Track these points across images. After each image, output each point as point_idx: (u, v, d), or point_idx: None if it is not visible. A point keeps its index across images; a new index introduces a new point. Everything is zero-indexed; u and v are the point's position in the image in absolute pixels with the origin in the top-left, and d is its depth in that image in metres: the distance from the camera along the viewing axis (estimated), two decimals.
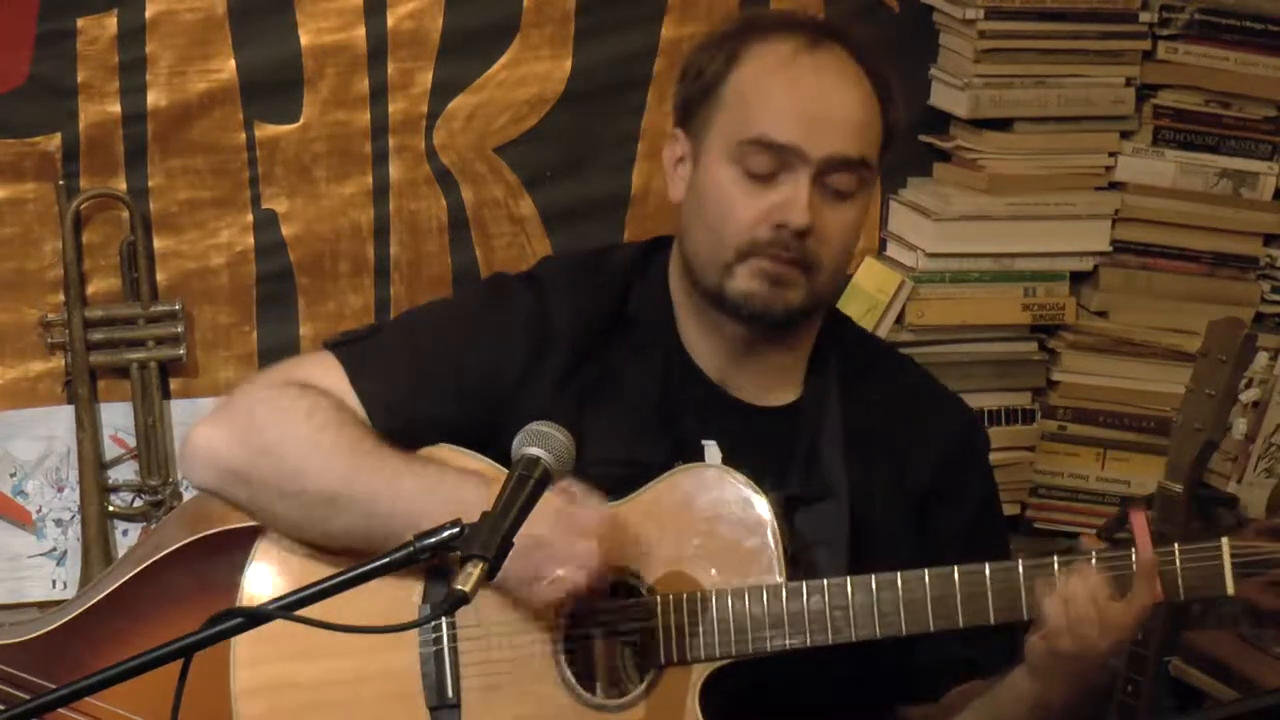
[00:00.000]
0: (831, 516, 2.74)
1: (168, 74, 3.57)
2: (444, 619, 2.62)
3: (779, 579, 2.65)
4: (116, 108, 3.56)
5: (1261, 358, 3.72)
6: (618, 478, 2.66)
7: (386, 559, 2.28)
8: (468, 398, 2.72)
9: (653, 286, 2.79)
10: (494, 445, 2.68)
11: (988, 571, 2.63)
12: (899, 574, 2.63)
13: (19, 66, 3.52)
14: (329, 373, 2.71)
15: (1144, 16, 3.83)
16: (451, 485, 2.60)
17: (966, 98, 3.80)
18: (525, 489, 2.38)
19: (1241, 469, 3.82)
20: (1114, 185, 3.91)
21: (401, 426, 2.69)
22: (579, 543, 2.57)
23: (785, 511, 2.69)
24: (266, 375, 2.75)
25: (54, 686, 2.19)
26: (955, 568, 2.63)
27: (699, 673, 2.64)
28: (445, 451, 2.70)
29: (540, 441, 2.42)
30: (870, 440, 2.79)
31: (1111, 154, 3.89)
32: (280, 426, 2.64)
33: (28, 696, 2.75)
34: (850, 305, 3.88)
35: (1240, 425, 3.76)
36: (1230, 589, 2.61)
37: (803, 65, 2.68)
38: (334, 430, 2.64)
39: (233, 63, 3.60)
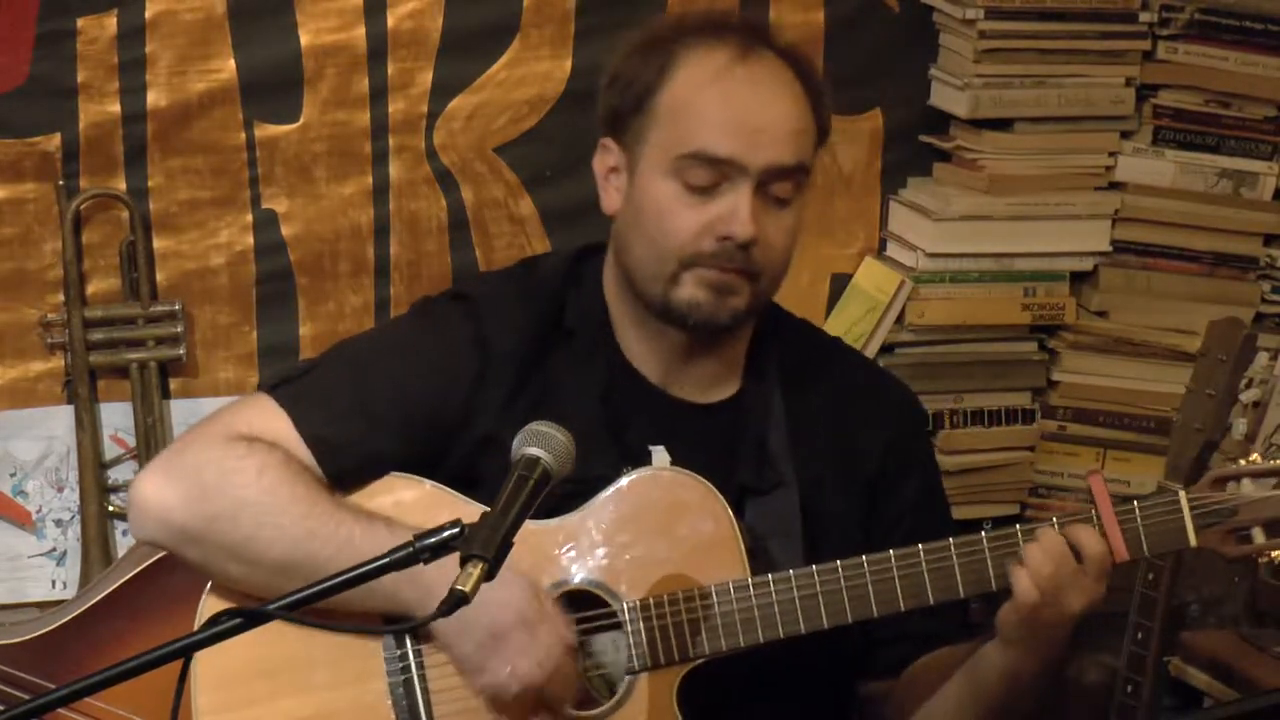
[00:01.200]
0: (783, 506, 2.75)
1: (168, 74, 3.57)
2: (410, 648, 2.64)
3: (745, 573, 2.65)
4: (116, 108, 3.56)
5: (1261, 358, 3.72)
6: (569, 493, 2.64)
7: (387, 559, 2.28)
8: (414, 429, 2.70)
9: (587, 296, 2.79)
10: (443, 469, 2.69)
11: (953, 547, 2.64)
12: (864, 558, 2.64)
13: (19, 66, 3.52)
14: (272, 420, 2.69)
15: (1144, 16, 3.83)
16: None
17: (966, 98, 3.80)
18: (525, 489, 2.38)
19: None
20: (1114, 185, 3.91)
21: (352, 467, 2.68)
22: (541, 639, 2.57)
23: (737, 504, 2.70)
24: (210, 426, 2.71)
25: (54, 686, 2.18)
26: (920, 546, 2.64)
27: (675, 674, 2.65)
28: (400, 484, 2.68)
29: (540, 441, 2.42)
30: (814, 429, 2.80)
31: (1111, 154, 3.89)
32: (232, 489, 2.62)
33: (28, 696, 2.75)
34: (850, 305, 3.89)
35: (1240, 425, 3.75)
36: (1193, 540, 2.63)
37: (736, 76, 2.67)
38: (286, 491, 2.62)
39: (233, 63, 3.60)
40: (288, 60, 3.62)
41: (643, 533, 2.67)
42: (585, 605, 2.67)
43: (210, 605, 2.68)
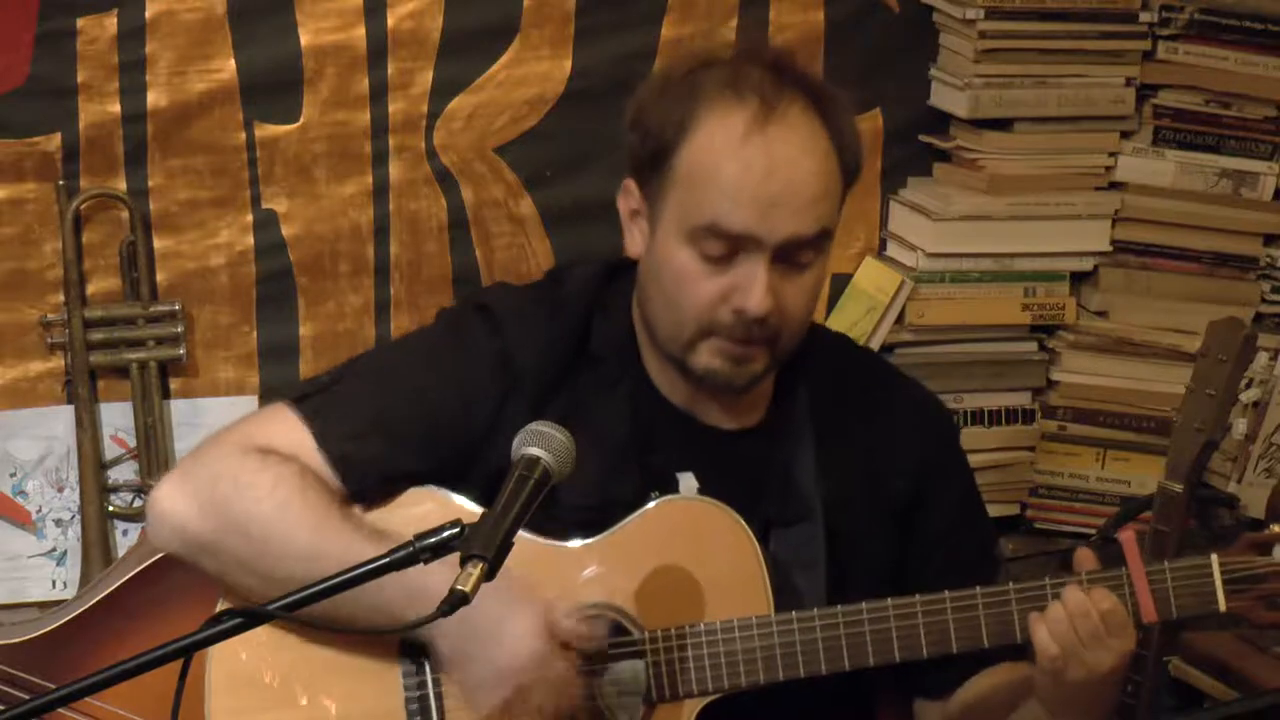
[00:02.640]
0: (808, 538, 2.72)
1: (168, 74, 3.57)
2: (429, 674, 2.63)
3: (769, 609, 2.63)
4: (116, 108, 3.56)
5: (1261, 358, 3.73)
6: (594, 519, 2.64)
7: (387, 559, 2.28)
8: (437, 445, 2.68)
9: (614, 320, 2.75)
10: (466, 485, 2.67)
11: (980, 596, 2.62)
12: (890, 601, 2.61)
13: (19, 66, 3.52)
14: (293, 433, 2.67)
15: (1144, 16, 3.83)
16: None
17: (966, 98, 3.80)
18: (525, 489, 2.38)
19: (1241, 469, 3.82)
20: (1114, 185, 3.91)
21: (373, 483, 2.67)
22: (553, 677, 2.54)
23: (762, 534, 2.67)
24: (231, 436, 2.69)
25: (54, 686, 2.18)
26: (947, 593, 2.62)
27: (691, 708, 2.63)
28: (423, 497, 2.67)
29: (540, 441, 2.42)
30: (843, 454, 2.76)
31: (1111, 154, 3.89)
32: (244, 503, 2.61)
33: (28, 696, 2.75)
34: (850, 305, 3.89)
35: (1240, 425, 3.76)
36: (1223, 606, 2.61)
37: (754, 144, 2.57)
38: (298, 505, 2.60)
39: (233, 63, 3.60)
40: (288, 60, 3.62)
41: (667, 561, 2.64)
42: (608, 632, 2.64)
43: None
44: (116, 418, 3.64)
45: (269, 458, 2.64)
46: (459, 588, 2.25)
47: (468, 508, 2.63)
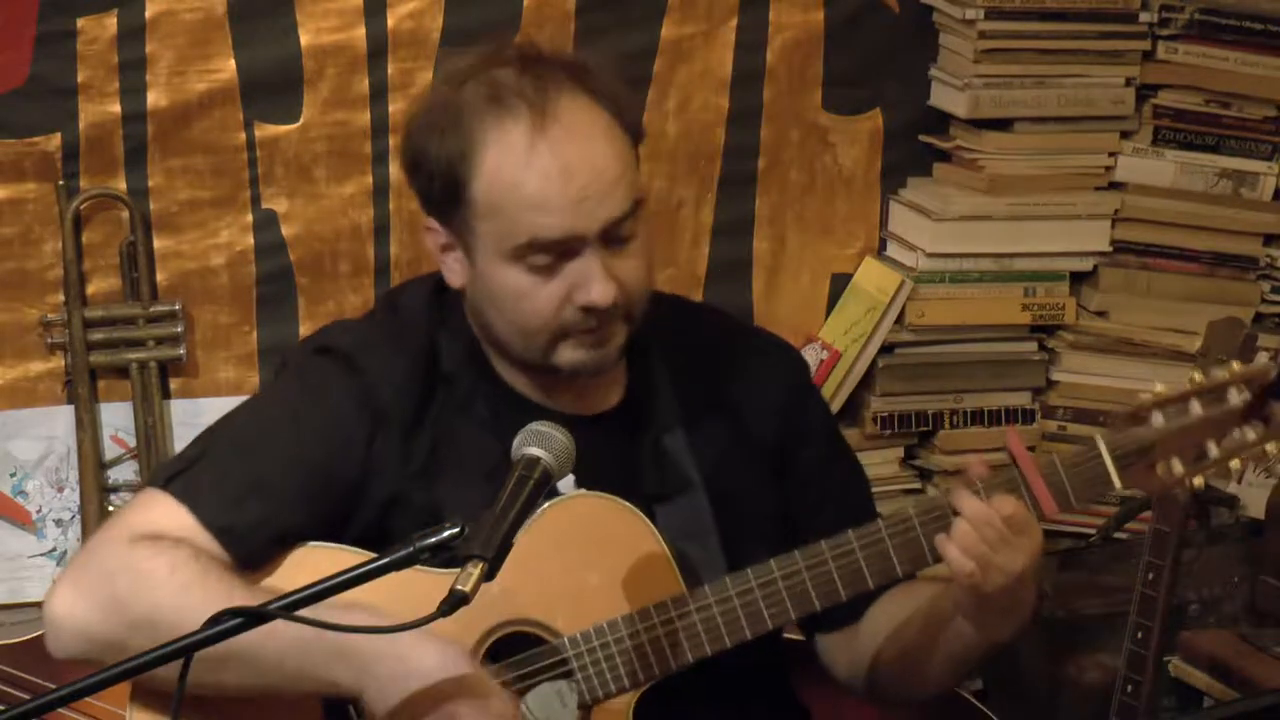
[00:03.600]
0: (693, 509, 2.72)
1: (168, 74, 3.57)
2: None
3: (680, 587, 2.62)
4: (116, 108, 3.56)
5: (1261, 358, 3.73)
6: None
7: (387, 559, 2.28)
8: (314, 499, 2.64)
9: (458, 336, 2.72)
10: (350, 533, 2.64)
11: (885, 529, 2.62)
12: (798, 553, 2.62)
13: (19, 66, 3.52)
14: (172, 514, 2.62)
15: (1144, 16, 3.83)
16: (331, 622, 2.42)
17: (966, 98, 3.80)
18: (525, 489, 2.38)
19: (1241, 469, 3.81)
20: (1114, 185, 3.91)
21: (259, 548, 2.62)
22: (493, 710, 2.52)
23: (647, 512, 2.66)
24: (113, 530, 2.63)
25: (54, 686, 2.19)
26: (852, 533, 2.62)
27: (628, 700, 2.62)
28: (315, 554, 2.63)
29: (540, 441, 2.42)
30: (710, 417, 2.77)
31: (1111, 154, 3.89)
32: (145, 595, 2.54)
33: (28, 696, 2.75)
34: (850, 305, 3.89)
35: None
36: (1118, 483, 2.62)
37: (541, 153, 2.55)
38: (199, 587, 2.53)
39: (233, 63, 3.59)
40: (288, 60, 3.62)
41: (570, 563, 2.62)
42: (524, 646, 2.62)
43: (137, 718, 2.62)
44: (116, 418, 3.64)
45: (159, 543, 2.58)
46: (459, 588, 2.24)
47: (360, 556, 2.54)
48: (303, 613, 2.26)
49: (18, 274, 3.59)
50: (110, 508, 3.62)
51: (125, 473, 3.64)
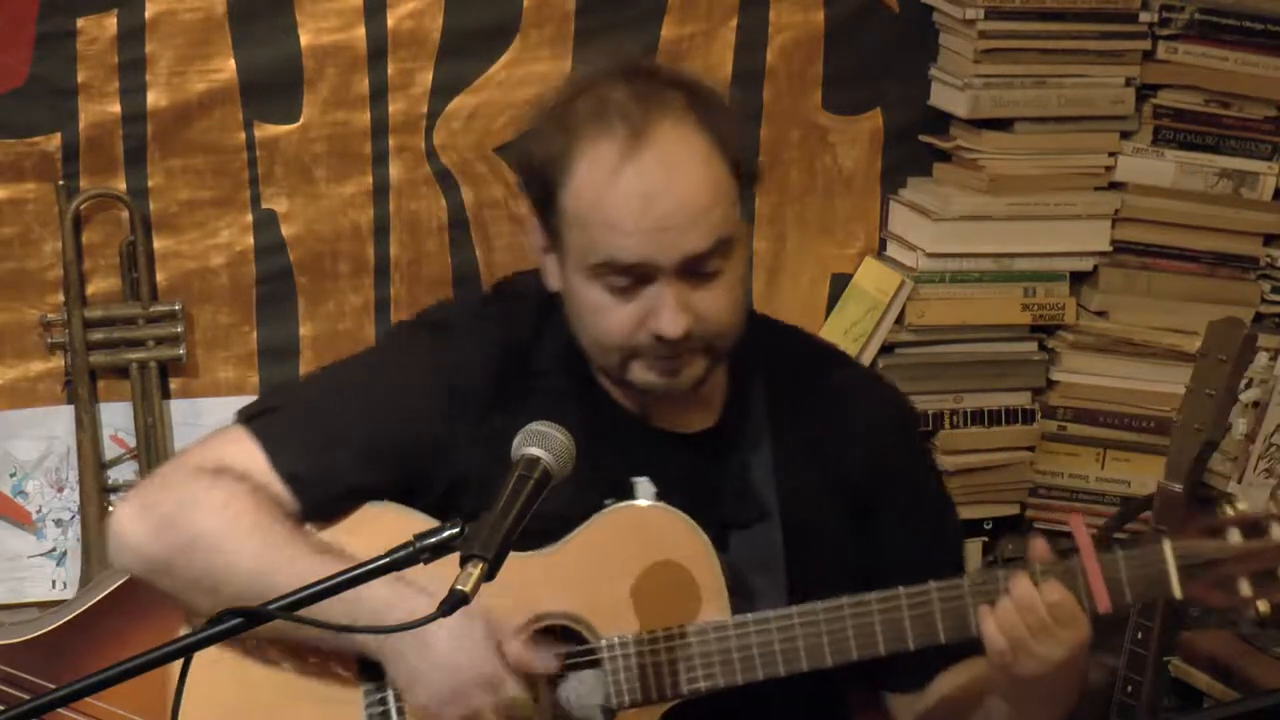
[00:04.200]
0: (766, 539, 2.71)
1: (168, 74, 3.57)
2: (390, 692, 2.63)
3: (726, 612, 2.62)
4: (116, 108, 3.56)
5: (1261, 358, 3.73)
6: (551, 529, 2.62)
7: (387, 559, 2.28)
8: (386, 461, 2.68)
9: (560, 335, 2.72)
10: (421, 499, 2.67)
11: (935, 591, 2.60)
12: (845, 600, 2.60)
13: (19, 66, 3.52)
14: (246, 452, 2.67)
15: (1144, 16, 3.83)
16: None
17: (966, 98, 3.80)
18: (525, 489, 2.38)
19: (1241, 469, 3.82)
20: (1114, 185, 3.91)
21: (326, 500, 2.67)
22: (505, 697, 2.55)
23: (720, 537, 2.66)
24: (187, 458, 2.71)
25: (54, 686, 2.18)
26: (901, 589, 2.60)
27: (652, 714, 2.62)
28: (380, 513, 2.67)
29: (540, 441, 2.41)
30: (801, 450, 2.74)
31: (1111, 154, 3.89)
32: (195, 522, 2.62)
33: (28, 696, 2.75)
34: (850, 305, 3.89)
35: (1240, 425, 3.76)
36: (1177, 592, 2.58)
37: (628, 174, 2.53)
38: (247, 523, 2.61)
39: (233, 63, 3.60)
40: (288, 60, 3.62)
41: (624, 568, 2.63)
42: (564, 641, 2.64)
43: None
44: (116, 418, 3.64)
45: (221, 476, 2.65)
46: (459, 588, 2.24)
47: (428, 522, 2.59)
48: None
49: (18, 274, 3.59)
50: (110, 508, 3.62)
51: (125, 473, 3.64)
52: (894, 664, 2.68)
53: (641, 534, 2.65)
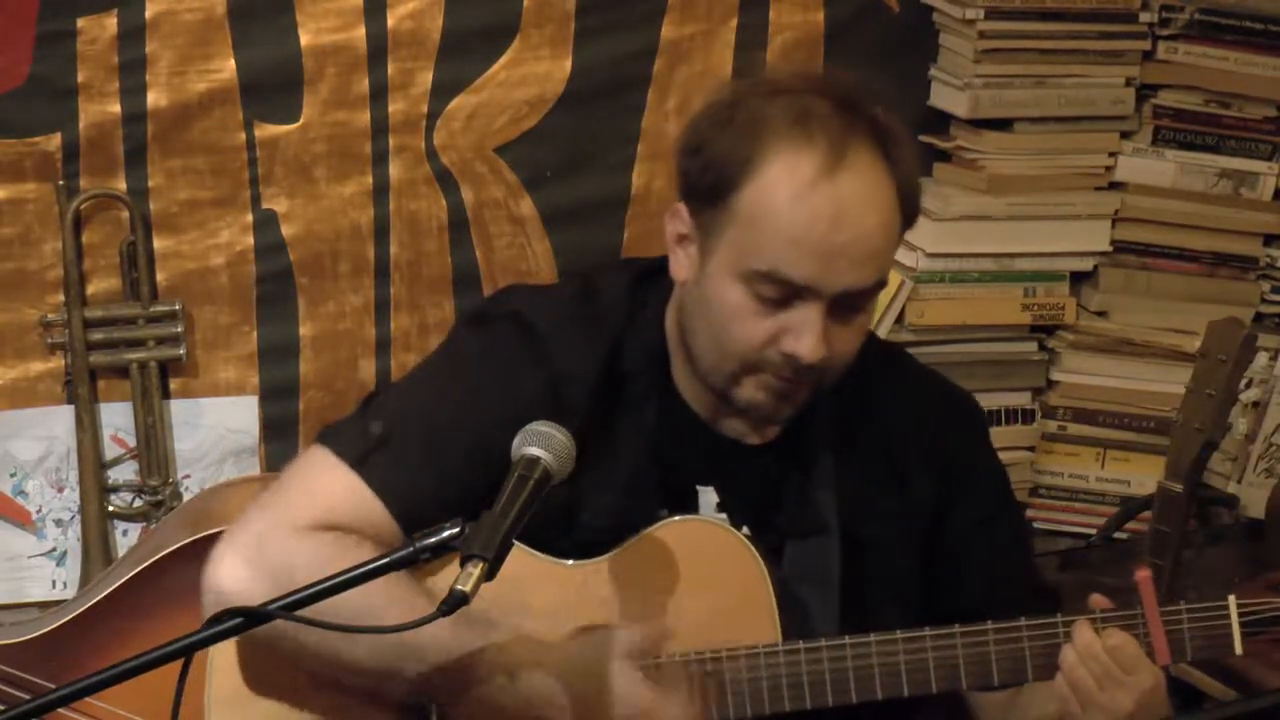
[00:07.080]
0: (822, 553, 2.67)
1: (168, 74, 3.57)
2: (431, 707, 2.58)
3: (776, 635, 2.60)
4: (116, 108, 3.56)
5: (1261, 358, 3.74)
6: (610, 539, 2.61)
7: (387, 559, 2.28)
8: (481, 476, 2.55)
9: (645, 336, 2.69)
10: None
11: (992, 633, 2.58)
12: (900, 634, 2.58)
13: (19, 66, 3.52)
14: (357, 499, 2.59)
15: (1144, 16, 3.83)
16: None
17: (966, 98, 3.81)
18: (525, 489, 2.38)
19: (1241, 469, 3.82)
20: (1114, 185, 3.91)
21: (429, 524, 2.51)
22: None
23: (777, 547, 2.64)
24: (291, 508, 2.59)
25: (54, 686, 2.19)
26: (958, 627, 2.58)
27: None
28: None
29: (540, 441, 2.42)
30: (865, 461, 2.72)
31: (1111, 154, 3.89)
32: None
33: (28, 696, 2.75)
34: None
35: (1240, 425, 3.77)
36: (1239, 649, 2.58)
37: (823, 193, 2.49)
38: (380, 593, 2.46)
39: (233, 63, 3.59)
40: (288, 60, 3.62)
41: (671, 583, 2.60)
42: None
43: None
44: (116, 418, 3.64)
45: (343, 540, 2.54)
46: (459, 588, 2.25)
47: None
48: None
49: (18, 274, 3.59)
50: (110, 507, 3.62)
51: (125, 473, 3.64)
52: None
53: (691, 549, 2.61)
